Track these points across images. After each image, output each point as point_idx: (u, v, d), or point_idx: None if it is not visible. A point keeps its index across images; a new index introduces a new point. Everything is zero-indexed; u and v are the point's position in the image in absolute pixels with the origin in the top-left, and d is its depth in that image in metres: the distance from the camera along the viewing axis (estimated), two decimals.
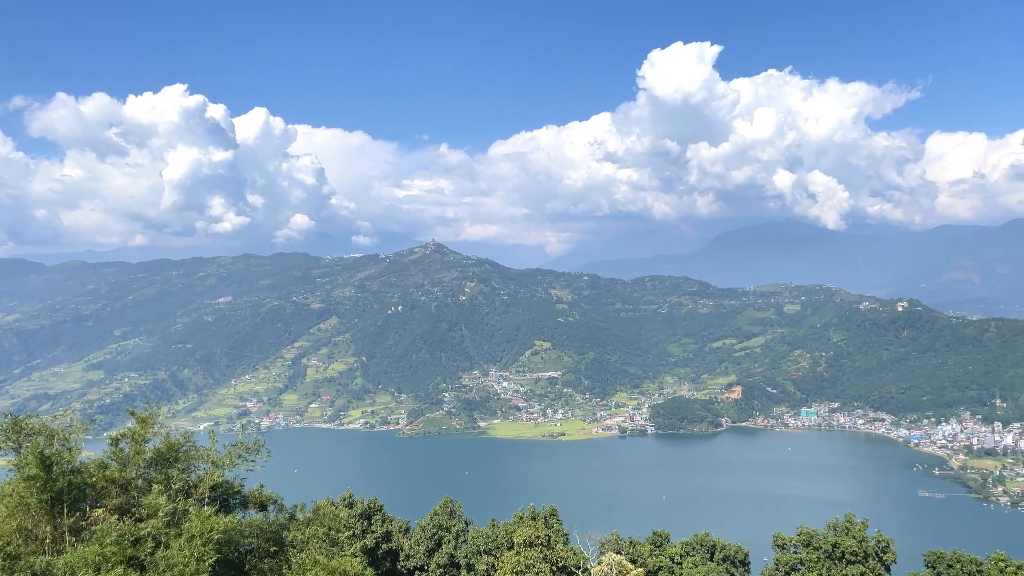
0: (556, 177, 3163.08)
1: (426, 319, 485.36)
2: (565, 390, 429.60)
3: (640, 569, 49.03)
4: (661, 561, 55.68)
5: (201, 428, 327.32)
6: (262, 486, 30.40)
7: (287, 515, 29.49)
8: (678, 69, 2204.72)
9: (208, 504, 26.41)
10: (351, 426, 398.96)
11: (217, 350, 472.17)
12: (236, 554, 25.85)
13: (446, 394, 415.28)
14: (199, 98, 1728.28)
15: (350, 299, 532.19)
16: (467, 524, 62.30)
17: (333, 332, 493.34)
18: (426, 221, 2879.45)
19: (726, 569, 56.59)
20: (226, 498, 28.73)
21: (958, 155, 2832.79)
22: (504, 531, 56.82)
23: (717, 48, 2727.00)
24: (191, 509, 24.31)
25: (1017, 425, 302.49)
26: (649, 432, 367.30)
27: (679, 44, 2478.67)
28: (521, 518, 55.85)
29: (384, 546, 58.07)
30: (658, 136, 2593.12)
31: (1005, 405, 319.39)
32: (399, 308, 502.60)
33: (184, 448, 27.67)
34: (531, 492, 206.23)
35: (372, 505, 61.15)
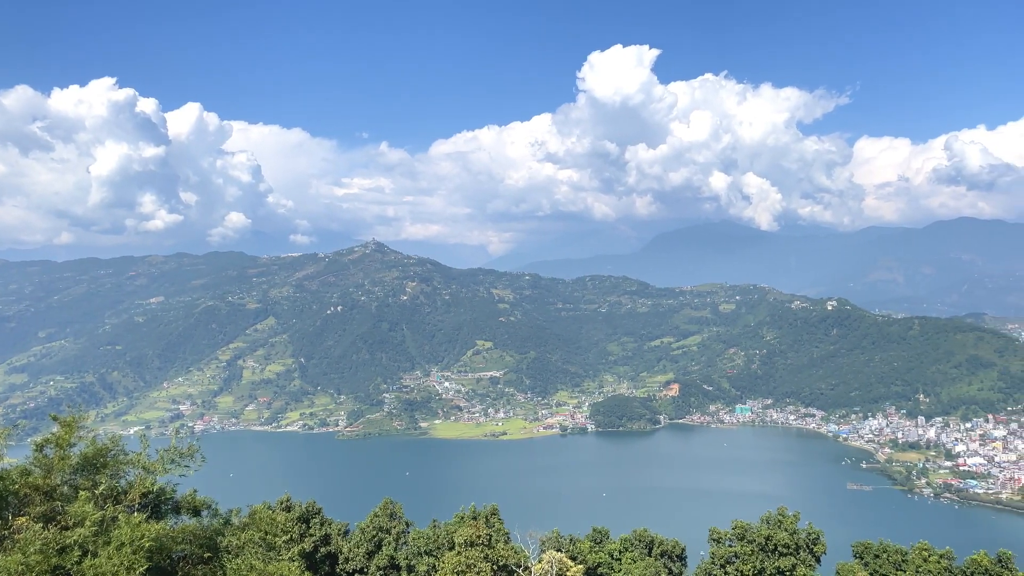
0: (498, 177, 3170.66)
1: (366, 319, 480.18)
2: (507, 390, 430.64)
3: (580, 566, 49.53)
4: (601, 557, 56.35)
5: (131, 432, 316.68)
6: (195, 491, 29.60)
7: (222, 520, 28.79)
8: (617, 72, 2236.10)
9: (138, 511, 25.63)
10: (289, 428, 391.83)
11: (148, 352, 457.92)
12: (168, 561, 25.12)
13: (387, 395, 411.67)
14: (129, 92, 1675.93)
15: (288, 299, 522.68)
16: (408, 525, 61.92)
17: (270, 333, 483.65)
18: (366, 220, 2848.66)
19: (664, 564, 57.62)
20: (157, 504, 27.89)
21: (884, 159, 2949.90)
22: (445, 531, 56.70)
23: (655, 52, 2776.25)
24: (120, 516, 23.53)
25: (939, 419, 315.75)
26: (589, 430, 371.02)
27: (618, 47, 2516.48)
28: (462, 518, 55.83)
29: (323, 549, 57.26)
30: (598, 137, 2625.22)
31: (928, 400, 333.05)
32: (339, 308, 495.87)
33: (113, 453, 26.74)
34: (472, 492, 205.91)
35: (310, 508, 60.20)
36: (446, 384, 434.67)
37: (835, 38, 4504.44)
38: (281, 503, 59.45)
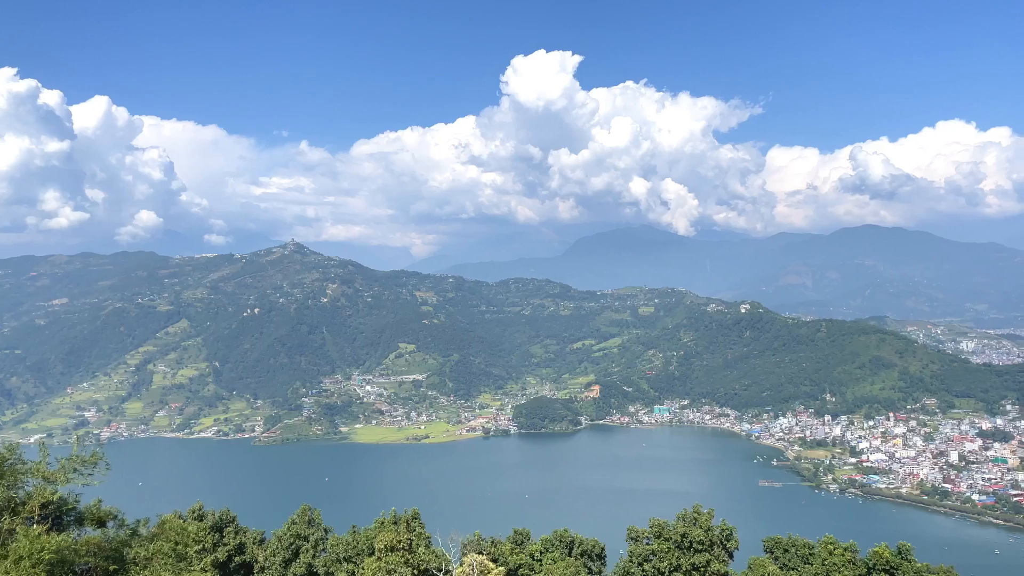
0: (421, 179, 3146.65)
1: (285, 322, 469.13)
2: (430, 392, 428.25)
3: (501, 568, 49.67)
4: (521, 559, 56.66)
5: (31, 441, 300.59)
6: (100, 501, 28.36)
7: (129, 531, 27.68)
8: (540, 76, 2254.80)
9: (39, 522, 24.38)
10: (203, 435, 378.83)
11: (51, 356, 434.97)
12: (71, 575, 23.98)
13: (306, 399, 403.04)
14: (31, 83, 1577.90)
15: (202, 301, 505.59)
16: (327, 532, 60.83)
17: (183, 336, 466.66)
18: (285, 220, 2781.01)
19: (584, 563, 58.37)
20: (59, 515, 26.61)
21: (795, 168, 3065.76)
22: (365, 537, 55.95)
23: (578, 58, 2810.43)
24: (19, 529, 22.35)
25: (844, 418, 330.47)
26: (512, 432, 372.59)
27: (542, 52, 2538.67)
28: (382, 523, 55.18)
29: (237, 559, 55.66)
30: (521, 141, 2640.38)
31: (834, 399, 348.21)
32: (256, 310, 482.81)
33: (10, 462, 25.37)
34: (394, 496, 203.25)
35: (224, 517, 58.46)
36: (368, 388, 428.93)
37: (750, 51, 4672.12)
38: (193, 512, 57.51)
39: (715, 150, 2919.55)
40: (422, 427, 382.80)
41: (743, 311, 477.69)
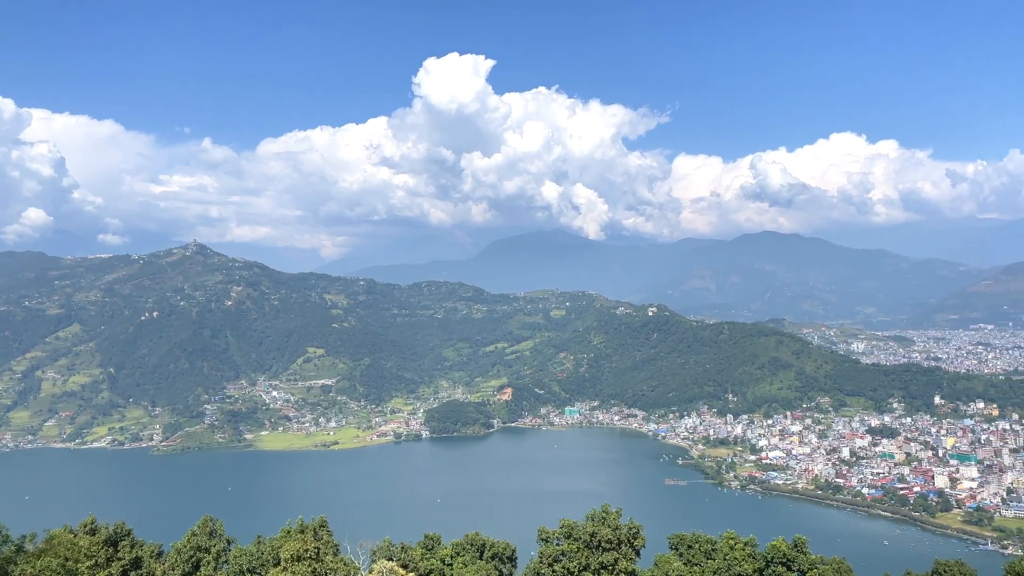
0: (331, 179, 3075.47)
1: (186, 326, 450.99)
2: (339, 398, 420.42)
3: (411, 574, 49.24)
4: (432, 564, 56.31)
5: None
6: None
7: (14, 547, 26.06)
8: (453, 79, 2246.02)
9: None
10: (96, 445, 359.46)
11: None
12: None
13: (208, 406, 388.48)
14: None
15: (96, 304, 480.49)
16: (229, 543, 58.79)
17: (75, 341, 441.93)
18: (187, 220, 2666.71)
19: (495, 566, 58.49)
20: None
21: (699, 175, 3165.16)
22: (270, 547, 54.41)
23: (491, 62, 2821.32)
24: None
25: (745, 417, 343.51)
26: (424, 436, 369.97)
27: (455, 55, 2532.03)
28: (288, 532, 53.80)
29: (133, 573, 53.08)
30: (434, 143, 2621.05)
31: (735, 399, 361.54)
32: (155, 314, 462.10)
33: None
34: (301, 505, 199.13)
35: (119, 530, 55.66)
36: (274, 393, 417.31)
37: (657, 61, 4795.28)
38: (84, 526, 54.55)
39: (624, 157, 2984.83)
40: (331, 433, 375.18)
41: (651, 314, 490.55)
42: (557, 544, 55.44)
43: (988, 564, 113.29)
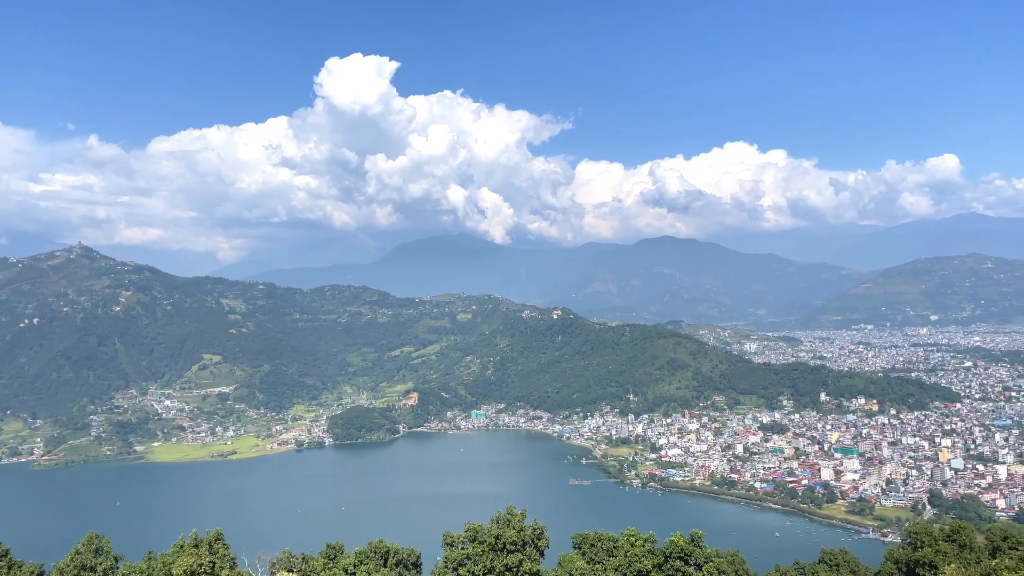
0: (228, 180, 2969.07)
1: (70, 333, 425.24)
2: (237, 406, 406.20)
3: None
4: (334, 573, 55.10)
5: None
6: None
7: None
8: (356, 80, 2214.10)
9: None
10: None
11: None
12: None
13: (95, 417, 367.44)
14: None
15: None
16: (117, 560, 55.82)
17: None
18: (71, 222, 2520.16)
19: (399, 573, 57.78)
20: None
21: (601, 181, 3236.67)
22: (162, 563, 51.90)
23: (395, 64, 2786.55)
24: None
25: (646, 416, 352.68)
26: (327, 443, 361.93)
27: (358, 56, 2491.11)
28: (182, 547, 51.51)
29: None
30: (336, 145, 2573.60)
31: (636, 399, 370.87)
32: (35, 320, 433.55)
33: None
34: (195, 518, 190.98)
35: None
36: (167, 403, 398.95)
37: (561, 69, 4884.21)
38: None
39: (529, 162, 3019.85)
40: (229, 443, 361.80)
41: (555, 317, 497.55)
42: (462, 548, 55.28)
43: (870, 551, 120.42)
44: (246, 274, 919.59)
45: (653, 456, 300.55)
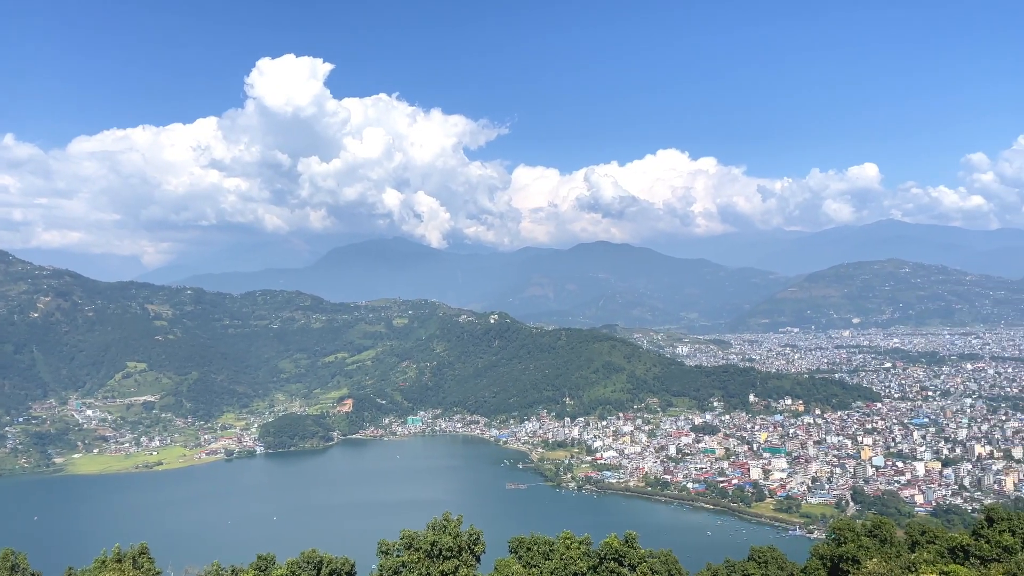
0: (154, 182, 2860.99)
1: None
2: (164, 415, 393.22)
3: None
4: None
5: None
6: None
7: None
8: (289, 81, 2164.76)
9: None
10: None
11: None
12: None
13: (10, 428, 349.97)
14: None
15: None
16: None
17: None
18: None
19: None
20: None
21: (537, 187, 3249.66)
22: None
23: (329, 66, 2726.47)
24: None
25: (581, 419, 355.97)
26: (259, 452, 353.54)
27: (291, 56, 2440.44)
28: (104, 562, 49.59)
29: None
30: (268, 147, 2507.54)
31: (573, 402, 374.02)
32: None
33: None
34: (119, 532, 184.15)
35: None
36: (88, 413, 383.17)
37: (498, 75, 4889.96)
38: None
39: (465, 166, 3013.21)
40: (154, 453, 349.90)
41: (492, 321, 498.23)
42: (397, 555, 54.73)
43: (797, 548, 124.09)
44: (173, 279, 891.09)
45: (589, 459, 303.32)
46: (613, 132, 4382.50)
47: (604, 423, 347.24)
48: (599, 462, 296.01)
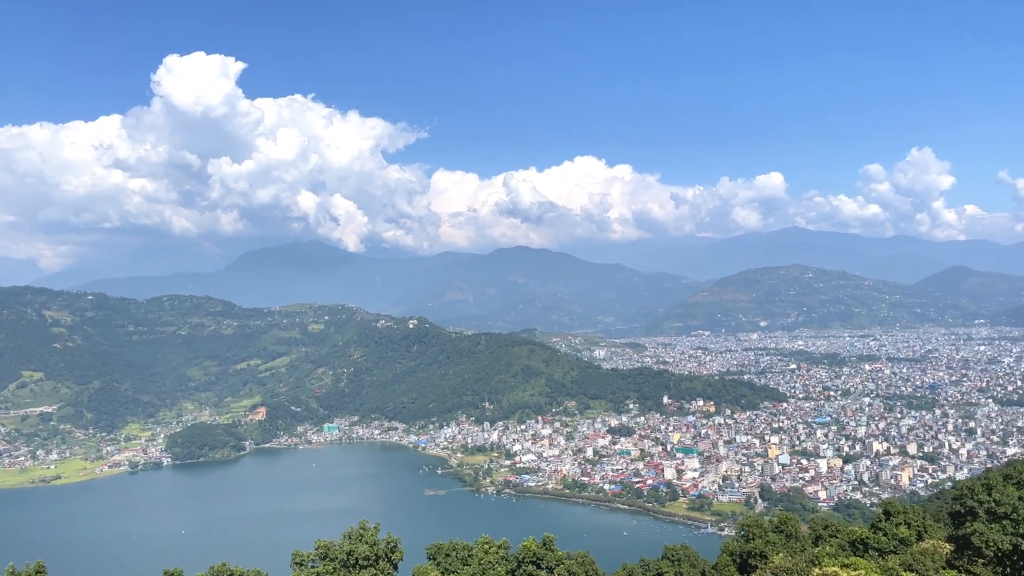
0: (52, 181, 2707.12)
1: None
2: (63, 426, 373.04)
3: None
4: None
5: None
6: None
7: None
8: (199, 79, 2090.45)
9: None
10: None
11: None
12: None
13: None
14: None
15: None
16: None
17: None
18: None
19: None
20: None
21: (457, 191, 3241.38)
22: None
23: (241, 64, 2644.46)
24: None
25: (501, 423, 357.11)
26: (166, 464, 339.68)
27: (201, 54, 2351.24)
28: None
29: None
30: (176, 147, 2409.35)
31: (492, 407, 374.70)
32: None
33: None
34: (13, 550, 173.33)
35: None
36: None
37: (416, 77, 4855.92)
38: None
39: (383, 169, 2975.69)
40: (52, 467, 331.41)
41: (411, 326, 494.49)
42: (312, 566, 53.69)
43: (708, 545, 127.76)
44: (73, 283, 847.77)
45: (508, 463, 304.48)
46: (532, 138, 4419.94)
47: (523, 427, 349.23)
48: (518, 466, 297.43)
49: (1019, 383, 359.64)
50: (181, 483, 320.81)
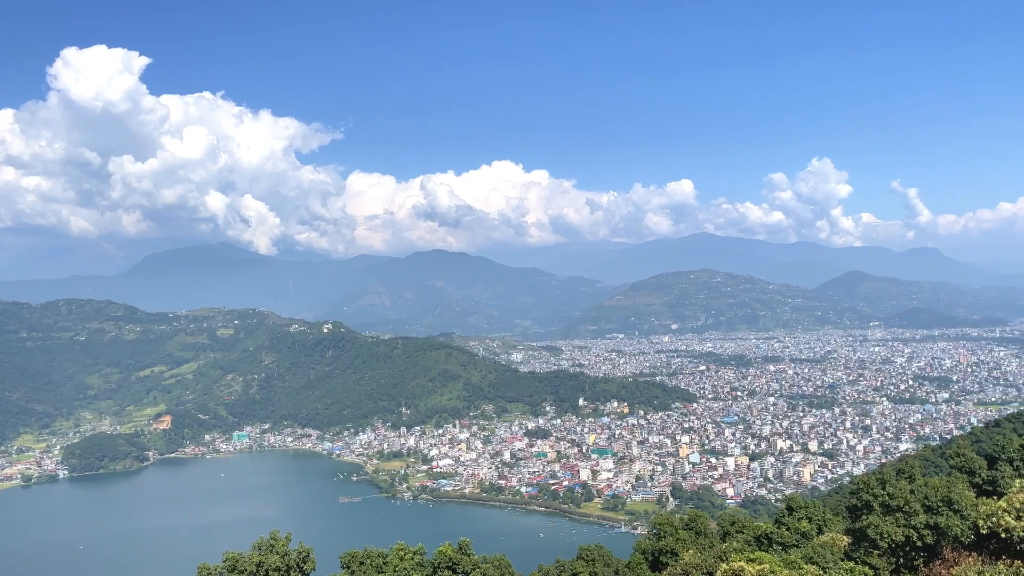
0: None
1: None
2: None
3: None
4: None
5: None
6: None
7: None
8: (99, 74, 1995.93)
9: None
10: None
11: None
12: None
13: None
14: None
15: None
16: None
17: None
18: None
19: None
20: None
21: (373, 193, 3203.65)
22: None
23: (145, 59, 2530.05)
24: None
25: (417, 428, 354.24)
26: (62, 476, 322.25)
27: (102, 48, 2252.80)
28: None
29: None
30: (74, 144, 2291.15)
31: (409, 412, 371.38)
32: None
33: None
34: None
35: None
36: None
37: (330, 77, 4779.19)
38: None
39: (297, 170, 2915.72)
40: None
41: (326, 331, 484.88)
42: None
43: (622, 544, 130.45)
44: None
45: (425, 468, 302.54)
46: (449, 141, 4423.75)
47: (440, 431, 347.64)
48: (435, 471, 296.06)
49: (911, 382, 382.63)
50: (79, 496, 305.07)
